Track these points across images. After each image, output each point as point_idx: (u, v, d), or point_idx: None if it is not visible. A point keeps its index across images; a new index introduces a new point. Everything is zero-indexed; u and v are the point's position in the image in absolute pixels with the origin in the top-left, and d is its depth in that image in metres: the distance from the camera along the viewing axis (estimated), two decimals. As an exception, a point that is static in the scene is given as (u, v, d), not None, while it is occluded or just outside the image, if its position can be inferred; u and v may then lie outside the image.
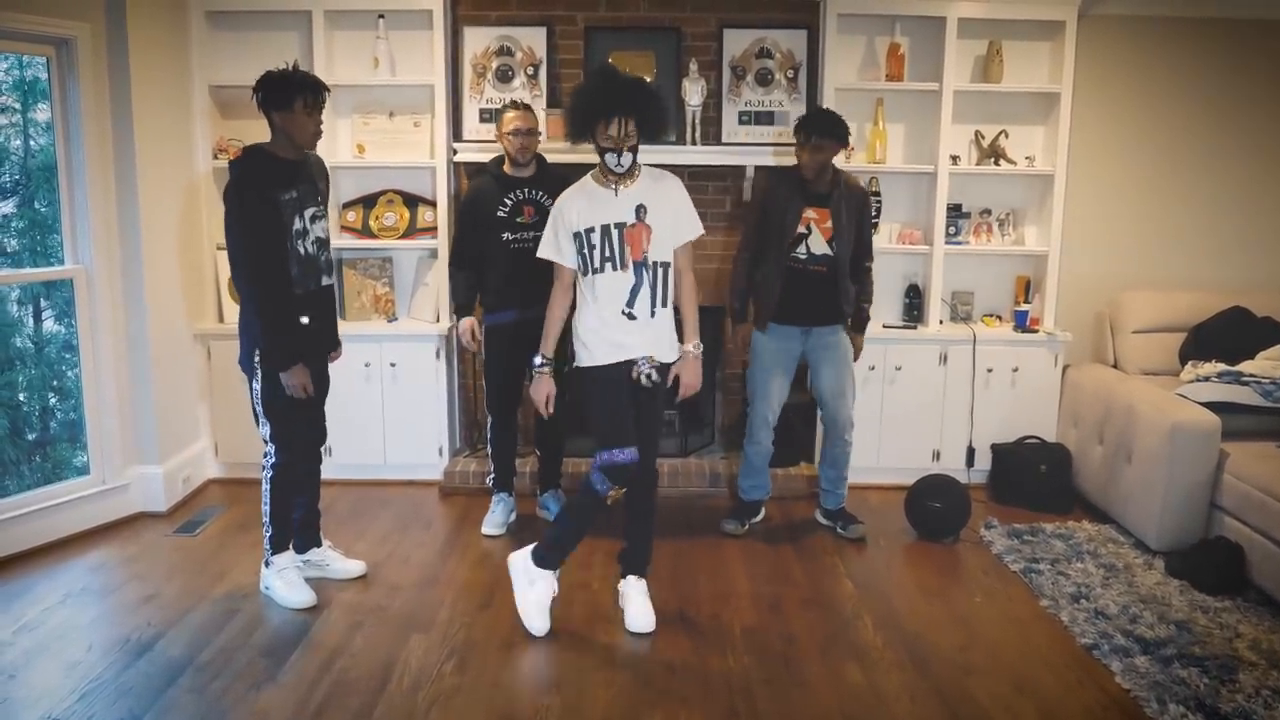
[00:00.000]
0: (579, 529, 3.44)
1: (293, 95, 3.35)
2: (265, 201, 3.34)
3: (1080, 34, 4.74)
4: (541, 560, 3.41)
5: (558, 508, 4.34)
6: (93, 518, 4.26)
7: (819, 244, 4.07)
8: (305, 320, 3.49)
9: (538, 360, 3.40)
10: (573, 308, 3.42)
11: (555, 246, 3.38)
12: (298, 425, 3.59)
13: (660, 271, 3.32)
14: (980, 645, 3.37)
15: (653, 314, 3.32)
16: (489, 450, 4.35)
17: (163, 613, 3.52)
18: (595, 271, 3.29)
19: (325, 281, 3.61)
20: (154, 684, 3.05)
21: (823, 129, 3.97)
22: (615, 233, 3.27)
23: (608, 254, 3.28)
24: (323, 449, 3.82)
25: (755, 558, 4.07)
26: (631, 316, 3.30)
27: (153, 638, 3.34)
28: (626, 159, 3.26)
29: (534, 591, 3.39)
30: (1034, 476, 4.62)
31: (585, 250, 3.30)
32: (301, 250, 3.45)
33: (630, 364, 3.32)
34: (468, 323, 4.18)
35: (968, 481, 4.55)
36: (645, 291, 3.30)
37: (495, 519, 4.28)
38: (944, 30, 4.71)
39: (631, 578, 3.54)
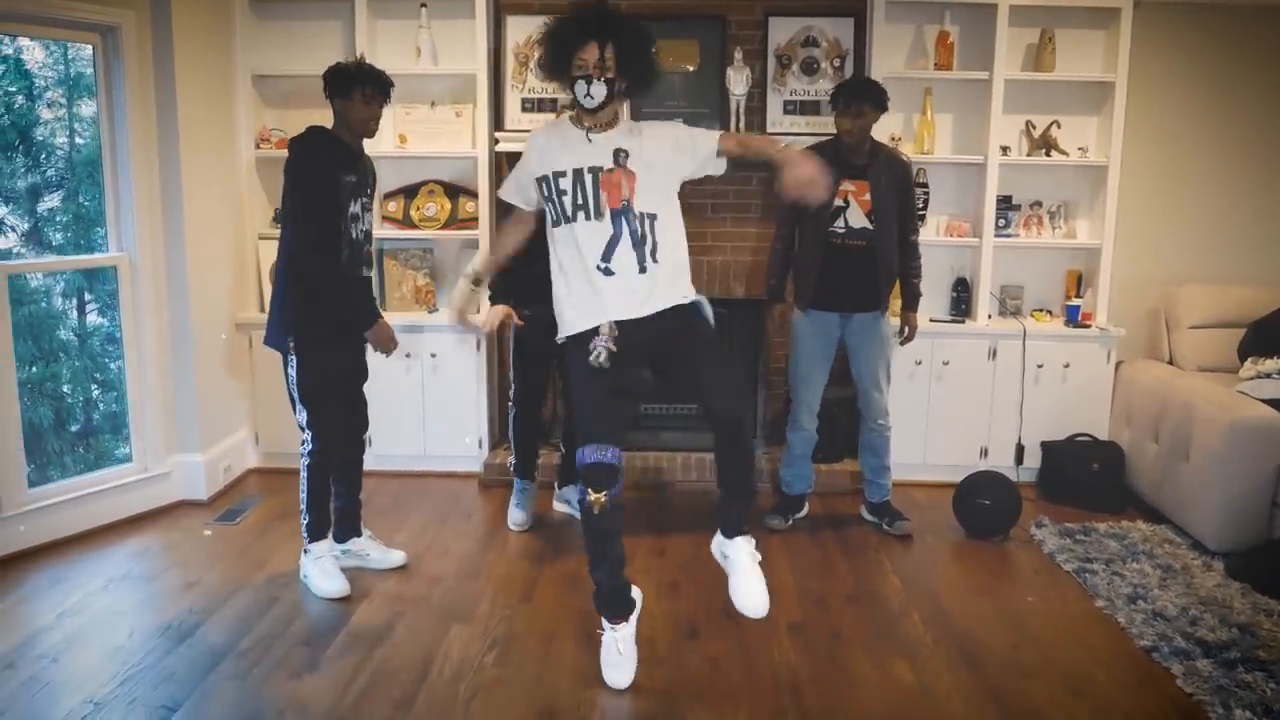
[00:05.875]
0: (607, 558, 3.02)
1: (353, 85, 3.40)
2: (327, 177, 3.36)
3: (1135, 21, 4.62)
4: (615, 615, 3.06)
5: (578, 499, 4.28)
6: (135, 505, 4.27)
7: (857, 217, 3.97)
8: (368, 273, 3.57)
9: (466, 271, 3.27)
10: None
11: (516, 185, 3.09)
12: (336, 412, 3.57)
13: (648, 223, 2.92)
14: (1034, 645, 3.28)
15: (642, 269, 2.90)
16: (511, 438, 4.22)
17: (204, 600, 3.51)
18: (567, 220, 2.92)
19: (365, 273, 3.59)
20: (195, 670, 3.03)
21: (863, 93, 3.89)
22: (589, 177, 2.90)
23: (579, 201, 2.90)
24: (365, 437, 3.78)
25: (799, 553, 4.00)
26: (608, 271, 2.90)
27: (194, 624, 3.33)
28: (599, 90, 2.86)
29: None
30: (1086, 475, 4.51)
31: (554, 196, 2.93)
32: (352, 234, 3.45)
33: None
34: (503, 310, 3.98)
35: (1016, 479, 4.44)
36: (626, 244, 2.90)
37: (517, 516, 4.21)
38: (995, 18, 4.60)
39: (736, 538, 3.05)
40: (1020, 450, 4.74)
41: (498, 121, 4.81)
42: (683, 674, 3.06)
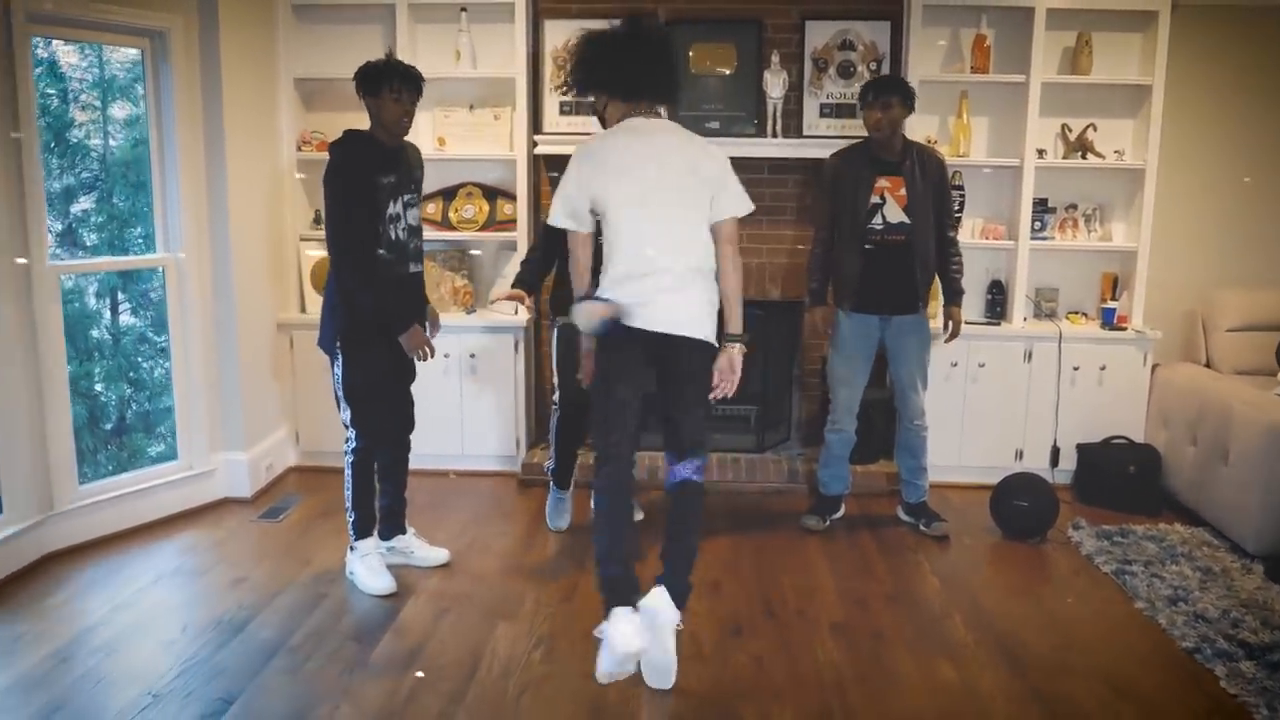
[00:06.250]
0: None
1: (382, 82, 3.43)
2: (364, 183, 3.40)
3: (1173, 24, 4.62)
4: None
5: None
6: (180, 502, 4.34)
7: (895, 212, 4.00)
8: (417, 269, 3.63)
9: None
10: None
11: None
12: (380, 411, 3.62)
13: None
14: (1075, 646, 3.29)
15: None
16: (552, 443, 4.23)
17: (253, 595, 3.57)
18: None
19: (414, 268, 3.63)
20: (249, 664, 3.09)
21: (891, 87, 3.94)
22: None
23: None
24: (410, 437, 3.82)
25: (838, 554, 4.02)
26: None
27: (244, 619, 3.39)
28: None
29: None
30: (1122, 477, 4.51)
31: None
32: (393, 234, 3.49)
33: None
34: (518, 293, 3.99)
35: (1052, 481, 4.44)
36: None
37: (556, 518, 4.25)
38: (1031, 21, 4.62)
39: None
40: (1055, 452, 4.75)
41: (536, 124, 4.86)
42: (728, 672, 3.09)
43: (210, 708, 2.85)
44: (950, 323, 4.21)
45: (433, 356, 3.61)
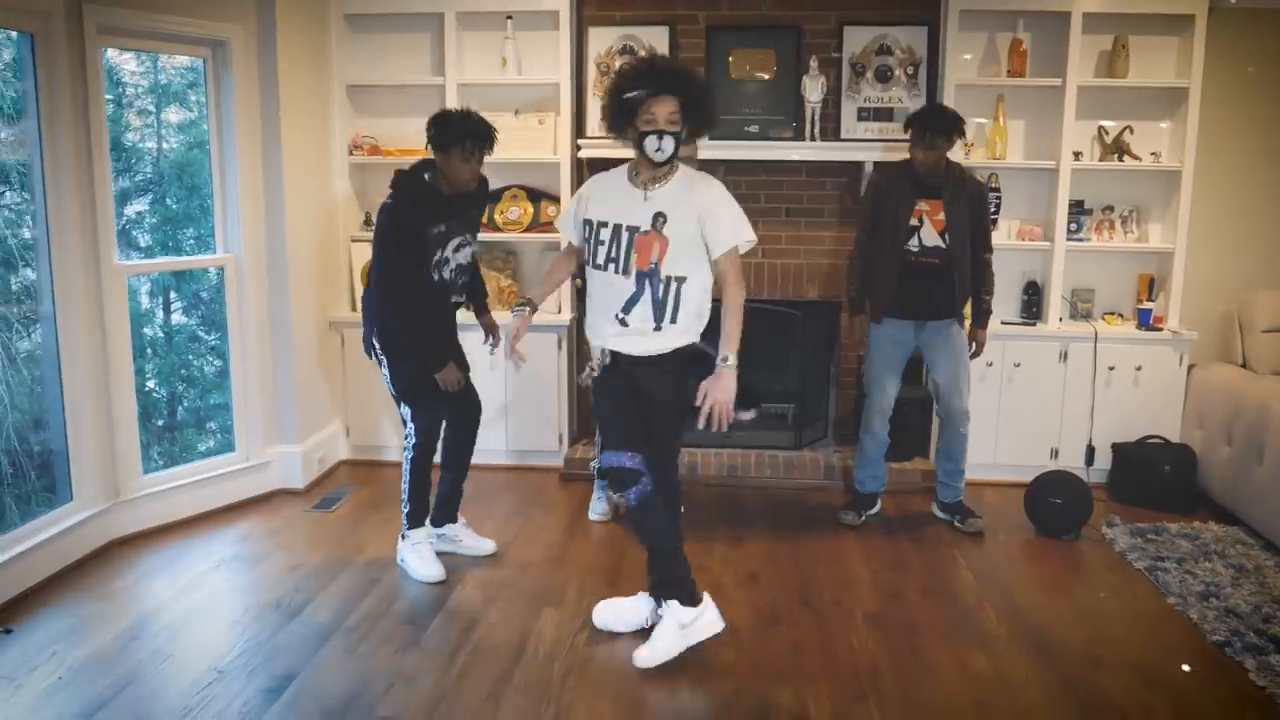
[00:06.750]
0: (664, 545, 3.20)
1: (453, 141, 3.44)
2: (412, 233, 3.49)
3: (1210, 26, 4.65)
4: (688, 598, 3.19)
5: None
6: (237, 493, 4.51)
7: (931, 236, 4.09)
8: (458, 300, 3.74)
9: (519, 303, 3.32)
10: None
11: (570, 221, 3.27)
12: (437, 406, 3.76)
13: (673, 286, 3.04)
14: (1107, 640, 3.36)
15: (657, 328, 3.06)
16: (598, 440, 4.40)
17: (309, 580, 3.73)
18: (598, 268, 3.09)
19: (456, 300, 3.78)
20: (307, 644, 3.24)
21: (936, 127, 3.98)
22: (626, 236, 3.04)
23: (613, 255, 3.06)
24: (475, 426, 3.94)
25: (873, 548, 4.11)
26: (624, 323, 3.07)
27: (301, 603, 3.54)
28: (669, 145, 2.95)
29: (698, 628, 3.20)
30: (1157, 476, 4.56)
31: (593, 242, 3.10)
32: (436, 276, 3.61)
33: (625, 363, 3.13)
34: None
35: (1087, 480, 4.49)
36: (646, 303, 3.05)
37: (598, 508, 4.39)
38: (1068, 25, 4.67)
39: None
40: (1091, 451, 4.80)
41: (579, 129, 4.99)
42: (765, 658, 3.19)
43: (272, 684, 3.00)
44: (974, 343, 4.29)
45: (462, 387, 3.71)
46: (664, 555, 3.20)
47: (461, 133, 3.43)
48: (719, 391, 3.00)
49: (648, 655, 3.11)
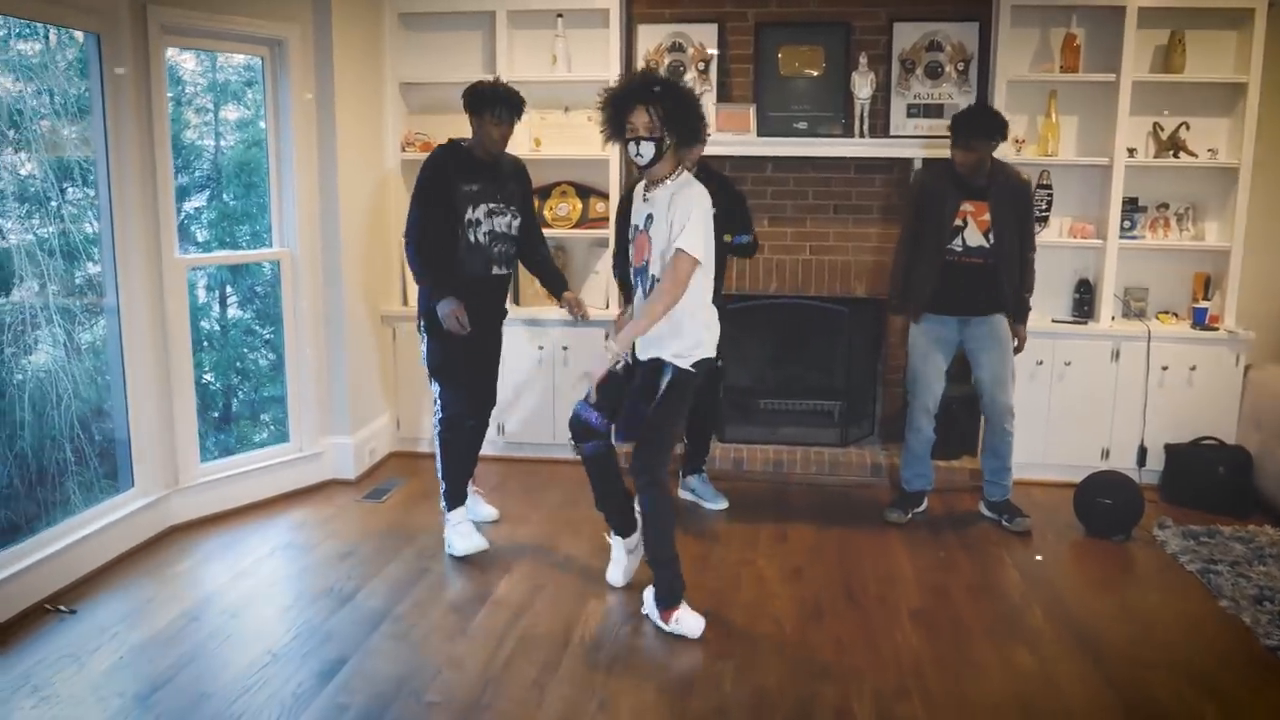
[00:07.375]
0: (594, 488, 3.60)
1: (485, 106, 3.77)
2: (443, 187, 3.74)
3: (1270, 21, 4.56)
4: (612, 528, 3.65)
5: (704, 489, 4.53)
6: (291, 482, 4.62)
7: (975, 236, 4.08)
8: (499, 271, 3.92)
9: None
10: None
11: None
12: (461, 386, 3.91)
13: (656, 285, 3.25)
14: (1155, 641, 3.32)
15: None
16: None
17: (360, 568, 3.81)
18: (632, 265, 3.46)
19: (497, 271, 3.92)
20: (358, 629, 3.32)
21: (975, 129, 3.97)
22: (633, 235, 3.41)
23: (632, 252, 3.44)
24: (489, 411, 4.13)
25: (919, 545, 4.10)
26: (634, 316, 3.40)
27: (353, 589, 3.62)
28: (648, 149, 3.15)
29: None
30: (1211, 478, 4.49)
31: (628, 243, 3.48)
32: (471, 238, 3.80)
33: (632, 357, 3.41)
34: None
35: (1139, 481, 4.44)
36: (640, 298, 3.37)
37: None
38: (1123, 20, 4.61)
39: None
40: (1143, 452, 4.74)
41: (628, 126, 5.02)
42: (809, 653, 3.20)
43: (325, 667, 3.08)
44: (1016, 339, 4.26)
45: (467, 330, 3.77)
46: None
47: (493, 98, 3.75)
48: (596, 364, 3.34)
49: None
